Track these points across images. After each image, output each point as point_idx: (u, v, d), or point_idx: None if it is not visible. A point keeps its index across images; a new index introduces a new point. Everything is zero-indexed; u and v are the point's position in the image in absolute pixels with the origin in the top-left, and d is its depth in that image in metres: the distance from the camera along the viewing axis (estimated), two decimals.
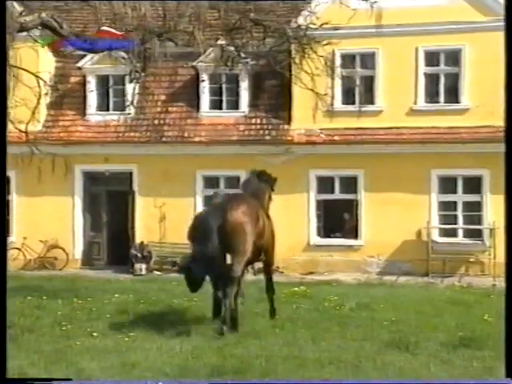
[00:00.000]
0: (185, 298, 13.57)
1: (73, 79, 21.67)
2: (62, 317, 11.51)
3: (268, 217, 11.04)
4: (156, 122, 20.77)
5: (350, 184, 19.83)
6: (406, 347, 9.31)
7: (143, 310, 12.42)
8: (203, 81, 20.37)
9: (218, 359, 8.57)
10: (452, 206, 19.48)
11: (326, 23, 14.64)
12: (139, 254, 20.21)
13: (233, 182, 20.62)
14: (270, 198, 11.58)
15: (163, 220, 20.56)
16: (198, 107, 20.75)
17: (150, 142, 20.53)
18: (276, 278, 18.26)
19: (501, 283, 16.91)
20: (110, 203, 21.59)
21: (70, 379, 7.57)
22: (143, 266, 20.08)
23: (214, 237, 9.84)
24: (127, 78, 17.07)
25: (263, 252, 10.91)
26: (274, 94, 20.51)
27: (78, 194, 21.29)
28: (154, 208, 20.42)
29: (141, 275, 19.57)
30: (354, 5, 16.03)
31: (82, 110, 21.32)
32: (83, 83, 21.42)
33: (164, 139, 20.56)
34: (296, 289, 14.85)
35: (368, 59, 19.79)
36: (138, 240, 20.65)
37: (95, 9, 13.97)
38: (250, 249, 10.15)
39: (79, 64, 20.98)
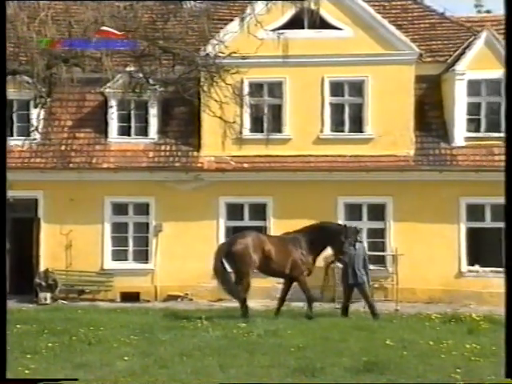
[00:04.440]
0: (91, 327, 13.32)
1: None
2: None
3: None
4: (63, 147, 20.34)
5: (259, 211, 20.01)
6: (311, 373, 9.43)
7: (46, 340, 12.07)
8: (111, 107, 20.12)
9: None
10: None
11: (235, 52, 14.92)
12: (44, 283, 19.63)
13: (142, 208, 20.48)
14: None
15: (69, 247, 20.11)
16: (106, 133, 20.50)
17: (56, 168, 20.09)
18: (184, 305, 18.44)
19: (403, 308, 17.53)
20: (13, 230, 20.75)
21: (76, 379, 7.36)
22: (48, 295, 19.49)
23: None
24: (32, 103, 16.72)
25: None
26: (184, 121, 20.53)
27: None
28: (60, 235, 19.94)
29: (45, 304, 19.01)
30: (261, 35, 16.45)
31: None
32: None
33: (71, 165, 20.16)
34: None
35: (276, 88, 20.13)
36: (42, 268, 20.09)
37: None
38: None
39: None
